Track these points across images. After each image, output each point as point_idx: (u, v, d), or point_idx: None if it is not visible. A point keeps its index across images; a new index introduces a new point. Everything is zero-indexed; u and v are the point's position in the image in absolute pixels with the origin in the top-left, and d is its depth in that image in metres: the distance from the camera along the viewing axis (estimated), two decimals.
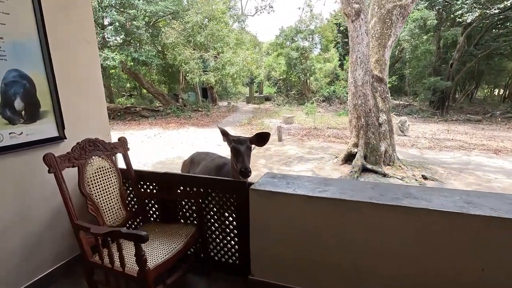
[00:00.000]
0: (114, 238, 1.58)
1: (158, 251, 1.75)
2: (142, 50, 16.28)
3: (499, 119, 16.35)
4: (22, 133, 1.90)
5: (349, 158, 7.79)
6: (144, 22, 15.92)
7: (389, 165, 7.37)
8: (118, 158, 2.23)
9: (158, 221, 2.27)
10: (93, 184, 1.88)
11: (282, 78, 26.27)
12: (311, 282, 1.81)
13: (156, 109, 19.55)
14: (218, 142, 11.38)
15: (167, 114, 18.56)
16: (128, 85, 26.76)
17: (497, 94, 27.12)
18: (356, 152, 7.49)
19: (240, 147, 2.02)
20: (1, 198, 1.85)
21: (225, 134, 2.19)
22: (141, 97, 26.70)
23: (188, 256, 2.07)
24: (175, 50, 16.58)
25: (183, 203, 2.15)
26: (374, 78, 7.41)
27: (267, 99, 25.99)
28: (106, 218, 1.91)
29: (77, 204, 1.88)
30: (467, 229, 1.41)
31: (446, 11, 17.30)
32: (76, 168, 1.79)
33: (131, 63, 17.59)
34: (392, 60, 19.57)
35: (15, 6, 1.82)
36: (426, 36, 18.79)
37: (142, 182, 2.26)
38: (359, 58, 7.11)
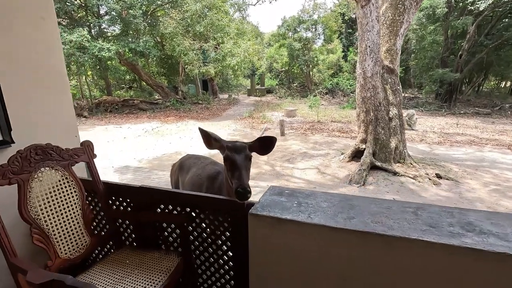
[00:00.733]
0: None
1: None
2: (140, 40, 15.69)
3: (509, 112, 15.76)
4: None
5: (356, 154, 7.32)
6: (141, 11, 15.28)
7: (399, 162, 6.90)
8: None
9: (134, 245, 1.82)
10: (42, 205, 1.42)
11: (284, 70, 25.61)
12: None
13: (155, 101, 19.04)
14: (220, 136, 10.90)
15: (166, 107, 18.06)
16: (127, 77, 26.17)
17: (503, 86, 26.35)
18: (364, 148, 7.01)
19: (236, 157, 1.55)
20: None
21: (211, 138, 1.70)
22: (140, 89, 26.11)
23: None
24: (174, 40, 15.96)
25: (164, 225, 1.69)
26: (385, 69, 6.88)
27: (269, 92, 25.39)
28: (61, 249, 1.46)
29: (24, 231, 1.43)
30: None
31: None
32: (15, 185, 1.33)
33: (129, 54, 17.03)
34: None
35: None
36: (433, 26, 18.04)
37: (114, 198, 1.80)
38: (369, 47, 6.56)
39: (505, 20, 16.76)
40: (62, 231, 1.49)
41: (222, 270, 1.64)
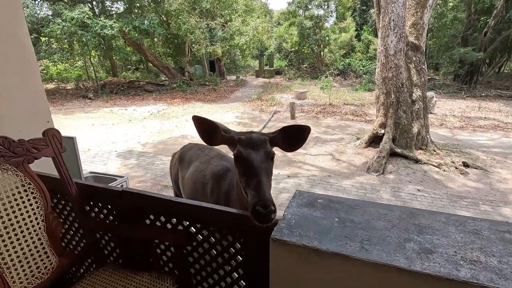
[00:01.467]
0: None
1: None
2: (144, 18, 15.00)
3: None
4: None
5: (374, 140, 6.80)
6: None
7: (421, 149, 6.37)
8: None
9: (119, 263, 1.44)
10: None
11: (294, 50, 24.58)
12: None
13: (161, 83, 18.54)
14: (227, 119, 10.47)
15: (173, 88, 17.55)
16: (134, 58, 25.57)
17: None
18: (383, 133, 6.48)
19: (252, 156, 1.11)
20: None
21: (214, 128, 1.23)
22: (147, 71, 25.53)
23: None
24: (179, 18, 15.21)
25: (156, 242, 1.29)
26: (409, 46, 6.21)
27: (278, 73, 24.50)
28: (13, 277, 1.08)
29: None
30: None
31: None
32: None
33: (133, 33, 16.39)
34: None
35: None
36: (455, 1, 16.75)
37: (91, 203, 1.40)
38: (393, 20, 5.88)
39: None
40: (15, 254, 1.10)
41: None
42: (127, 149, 7.20)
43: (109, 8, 17.09)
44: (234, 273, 1.18)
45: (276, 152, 1.27)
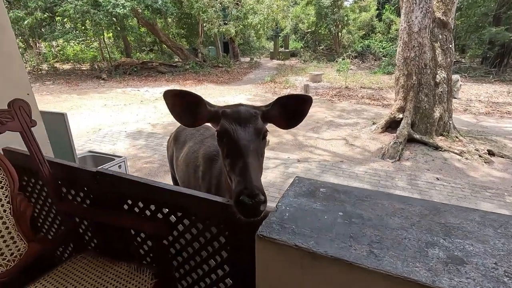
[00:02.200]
0: None
1: None
2: None
3: None
4: None
5: (391, 125, 6.45)
6: None
7: (442, 135, 5.97)
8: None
9: (99, 251, 1.31)
10: None
11: (310, 30, 23.64)
12: None
13: (174, 64, 18.36)
14: (238, 101, 10.21)
15: (185, 70, 17.36)
16: (148, 39, 25.40)
17: None
18: (401, 118, 6.11)
19: (238, 134, 0.92)
20: None
21: (192, 102, 1.04)
22: (161, 52, 25.36)
23: None
24: None
25: (134, 231, 1.15)
26: (436, 23, 5.69)
27: (293, 55, 23.78)
28: None
29: None
30: None
31: None
32: None
33: (146, 12, 16.12)
34: None
35: None
36: None
37: (68, 184, 1.26)
38: None
39: None
40: None
41: None
42: (137, 129, 7.16)
43: None
44: (220, 269, 1.02)
45: (287, 136, 1.07)
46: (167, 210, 1.03)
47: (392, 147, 5.47)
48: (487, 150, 5.36)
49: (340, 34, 21.84)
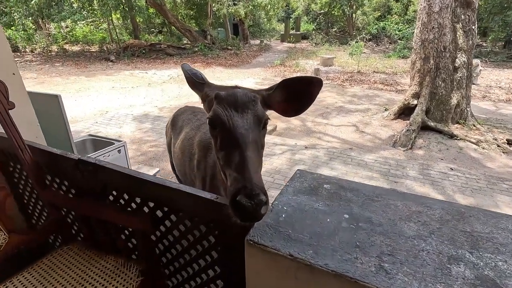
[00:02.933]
0: None
1: None
2: None
3: None
4: None
5: (404, 111, 6.19)
6: None
7: (458, 123, 5.70)
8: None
9: (87, 243, 1.23)
10: None
11: (323, 12, 22.76)
12: None
13: (182, 46, 18.08)
14: (246, 85, 9.98)
15: (194, 52, 17.09)
16: (157, 20, 25.00)
17: None
18: (415, 104, 5.84)
19: (234, 121, 0.79)
20: None
21: (192, 78, 1.00)
22: (170, 34, 24.99)
23: None
24: None
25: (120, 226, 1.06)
26: (459, 1, 5.29)
27: (304, 37, 23.05)
28: None
29: None
30: None
31: None
32: None
33: None
34: None
35: None
36: None
37: (52, 172, 1.17)
38: None
39: None
40: None
41: None
42: (144, 112, 7.10)
43: None
44: (211, 270, 0.93)
45: (295, 121, 0.95)
46: (153, 204, 0.93)
47: (404, 135, 5.26)
48: (506, 140, 5.09)
49: (354, 15, 20.98)
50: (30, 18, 16.50)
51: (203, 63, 14.47)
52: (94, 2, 13.27)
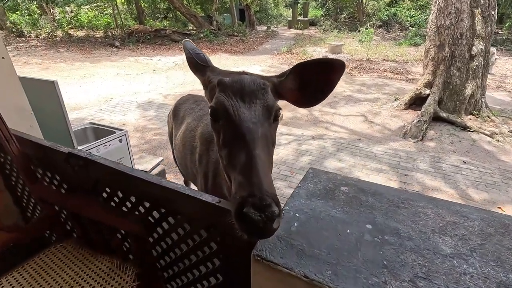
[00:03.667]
0: None
1: None
2: None
3: None
4: None
5: (415, 101, 5.98)
6: None
7: (472, 114, 5.49)
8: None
9: (82, 241, 1.16)
10: None
11: None
12: None
13: (188, 32, 17.77)
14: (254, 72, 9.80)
15: (199, 38, 16.78)
16: (162, 5, 24.57)
17: None
18: (427, 94, 5.63)
19: (241, 112, 0.67)
20: None
21: (194, 59, 0.87)
22: (175, 19, 24.58)
23: None
24: None
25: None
26: None
27: (312, 24, 22.46)
28: None
29: None
30: None
31: None
32: None
33: None
34: None
35: None
36: None
37: (43, 166, 1.08)
38: None
39: None
40: None
41: None
42: (148, 100, 7.01)
43: None
44: (213, 277, 0.84)
45: (301, 110, 0.88)
46: (148, 204, 0.84)
47: (415, 126, 5.08)
48: None
49: (364, 0, 20.29)
50: (34, 2, 16.31)
51: (209, 50, 14.21)
52: None
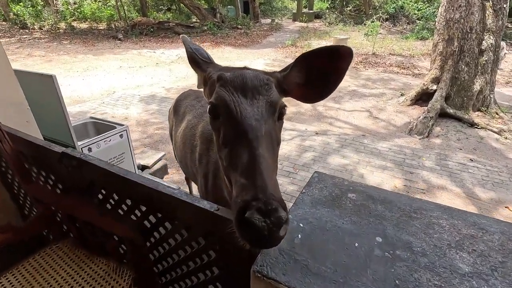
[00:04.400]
0: None
1: None
2: None
3: None
4: None
5: (421, 97, 5.87)
6: None
7: (480, 110, 5.38)
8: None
9: (79, 241, 1.12)
10: None
11: None
12: None
13: (191, 25, 17.61)
14: (255, 67, 9.68)
15: (203, 31, 16.64)
16: None
17: None
18: (435, 89, 5.51)
19: (243, 108, 0.62)
20: None
21: (192, 55, 0.82)
22: (179, 11, 24.37)
23: None
24: None
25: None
26: None
27: (317, 17, 22.15)
28: None
29: None
30: None
31: None
32: None
33: None
34: None
35: None
36: None
37: (37, 165, 1.04)
38: None
39: None
40: None
41: None
42: (151, 93, 6.96)
43: None
44: (212, 286, 0.80)
45: (305, 105, 0.79)
46: (145, 208, 0.80)
47: (421, 122, 4.99)
48: None
49: None
50: None
51: (212, 43, 14.09)
52: None
